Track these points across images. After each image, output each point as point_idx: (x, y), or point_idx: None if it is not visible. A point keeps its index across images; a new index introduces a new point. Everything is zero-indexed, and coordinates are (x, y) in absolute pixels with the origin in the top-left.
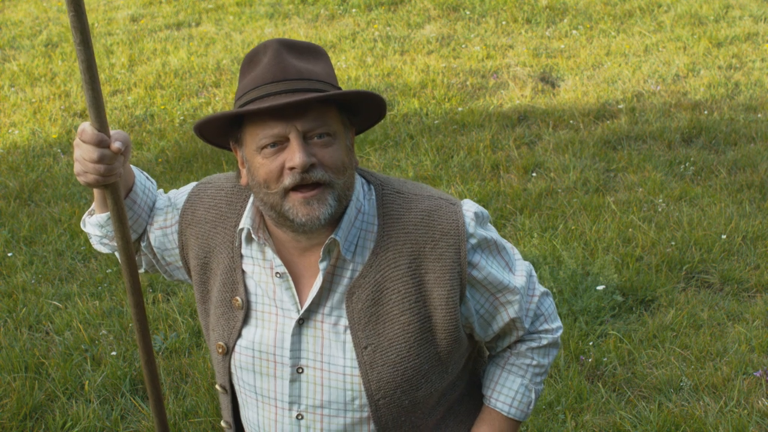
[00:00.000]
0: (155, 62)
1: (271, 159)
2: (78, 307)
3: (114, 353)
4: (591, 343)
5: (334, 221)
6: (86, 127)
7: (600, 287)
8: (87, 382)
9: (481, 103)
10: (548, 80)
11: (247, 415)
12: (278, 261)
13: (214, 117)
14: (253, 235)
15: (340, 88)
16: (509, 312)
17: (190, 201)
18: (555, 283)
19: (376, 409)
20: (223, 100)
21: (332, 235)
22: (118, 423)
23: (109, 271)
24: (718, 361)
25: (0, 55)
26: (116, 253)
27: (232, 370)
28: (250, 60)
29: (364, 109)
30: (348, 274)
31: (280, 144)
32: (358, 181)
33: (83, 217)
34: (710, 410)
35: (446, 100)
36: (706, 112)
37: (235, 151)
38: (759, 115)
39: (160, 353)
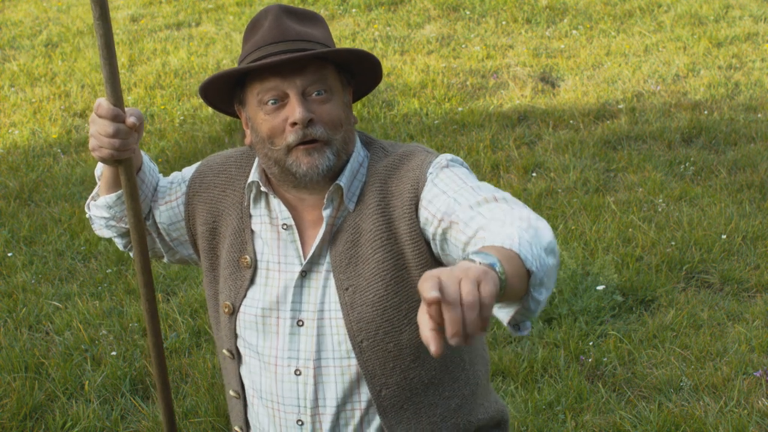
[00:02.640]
0: (155, 62)
1: (273, 115)
2: (78, 307)
3: (114, 353)
4: (591, 343)
5: (334, 175)
6: (102, 101)
7: (600, 287)
8: (87, 382)
9: (481, 103)
10: (548, 80)
11: (250, 379)
12: (285, 213)
13: (218, 75)
14: (262, 187)
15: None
16: (460, 204)
17: (199, 170)
18: (555, 283)
19: (361, 352)
20: None
21: (336, 181)
22: (118, 423)
23: (109, 271)
24: (718, 361)
25: (0, 55)
26: (117, 239)
27: (238, 331)
28: (253, 26)
29: (360, 70)
30: None
31: (280, 101)
32: (358, 143)
33: (87, 202)
34: (710, 410)
35: (446, 100)
36: (706, 112)
37: (239, 113)
38: (759, 115)
39: None
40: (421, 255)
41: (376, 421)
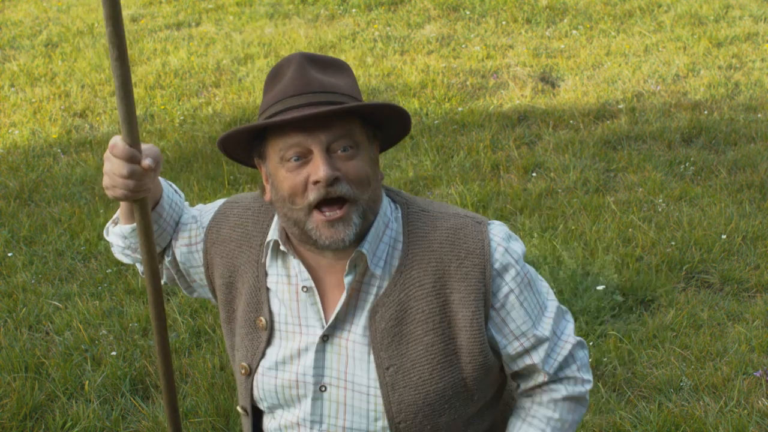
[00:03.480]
0: (155, 62)
1: (295, 173)
2: (78, 307)
3: (114, 353)
4: (591, 343)
5: (360, 237)
6: (117, 141)
7: (600, 287)
8: (87, 382)
9: (481, 103)
10: (548, 80)
11: None
12: (305, 275)
13: (238, 130)
14: (281, 246)
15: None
16: (532, 357)
17: (216, 219)
18: (555, 283)
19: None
20: (223, 100)
21: (358, 248)
22: (118, 423)
23: (109, 271)
24: (718, 361)
25: (0, 55)
26: (138, 265)
27: (255, 391)
28: (275, 75)
29: (387, 123)
30: (374, 290)
31: (303, 158)
32: (385, 199)
33: (107, 225)
34: (710, 410)
35: (446, 100)
36: (706, 112)
37: (260, 167)
38: (759, 115)
39: None
40: (476, 343)
41: None
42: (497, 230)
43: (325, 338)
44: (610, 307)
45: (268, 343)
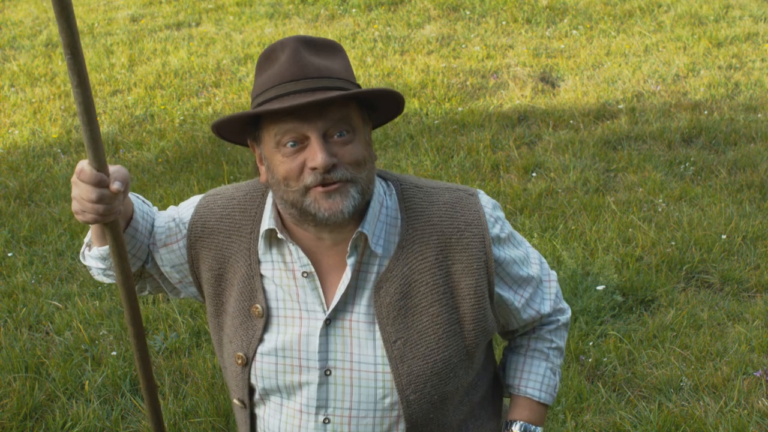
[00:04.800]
0: (155, 62)
1: (292, 158)
2: (78, 307)
3: (114, 353)
4: (591, 343)
5: (358, 217)
6: (84, 166)
7: (600, 287)
8: (87, 382)
9: (481, 103)
10: (548, 80)
11: (266, 425)
12: (305, 260)
13: (233, 117)
14: (279, 235)
15: (358, 85)
16: (533, 305)
17: (199, 213)
18: None
19: (407, 405)
20: (223, 100)
21: (359, 229)
22: (118, 423)
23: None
24: (718, 361)
25: (0, 55)
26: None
27: (252, 380)
28: (267, 57)
29: (382, 105)
30: (375, 269)
31: (300, 143)
32: (376, 179)
33: (82, 251)
34: (710, 410)
35: (446, 100)
36: (706, 112)
37: (253, 149)
38: (759, 115)
39: (160, 353)
40: (479, 309)
41: None
42: (485, 201)
43: (328, 322)
44: (610, 307)
45: (265, 329)
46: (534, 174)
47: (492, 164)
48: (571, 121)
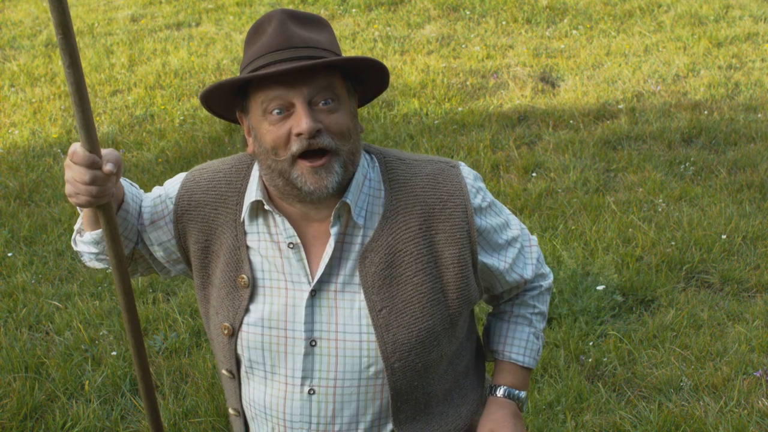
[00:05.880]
0: (155, 62)
1: (278, 126)
2: (78, 307)
3: (114, 353)
4: (591, 343)
5: (341, 189)
6: (77, 148)
7: (600, 287)
8: (87, 382)
9: (481, 103)
10: (548, 80)
11: (252, 397)
12: (291, 231)
13: (221, 84)
14: (266, 206)
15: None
16: (516, 269)
17: (185, 187)
18: (555, 283)
19: (392, 373)
20: None
21: (342, 198)
22: (118, 423)
23: (109, 271)
24: (718, 361)
25: (0, 55)
26: (109, 269)
27: (239, 351)
28: (255, 30)
29: (367, 78)
30: (359, 240)
31: (286, 110)
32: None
33: (73, 237)
34: (710, 410)
35: (446, 100)
36: (706, 112)
37: (242, 121)
38: (759, 115)
39: (160, 353)
40: (462, 278)
41: (388, 430)
42: (466, 172)
43: (314, 293)
44: (610, 307)
45: (251, 300)
46: (534, 174)
47: (492, 164)
48: (571, 121)
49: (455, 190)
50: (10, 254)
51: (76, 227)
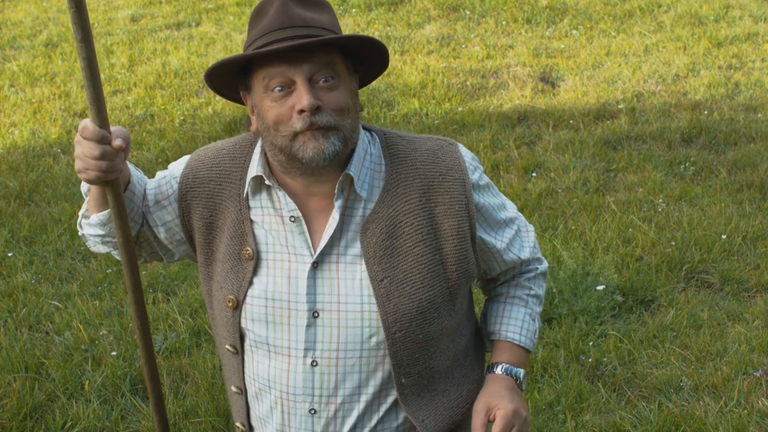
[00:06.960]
0: (155, 62)
1: (280, 102)
2: (78, 307)
3: (114, 353)
4: (591, 343)
5: (342, 163)
6: (87, 123)
7: (600, 287)
8: (87, 382)
9: (481, 103)
10: (548, 80)
11: (256, 371)
12: (292, 205)
13: (224, 62)
14: (267, 181)
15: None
16: (513, 249)
17: (190, 166)
18: (555, 283)
19: (393, 343)
20: (223, 100)
21: (346, 171)
22: (118, 423)
23: (109, 271)
24: (718, 361)
25: (0, 55)
26: (113, 252)
27: (243, 324)
28: (258, 12)
29: (367, 57)
30: (360, 212)
31: (287, 88)
32: (360, 130)
33: (79, 221)
34: (710, 410)
35: (446, 100)
36: (706, 112)
37: (245, 100)
38: (759, 115)
39: (160, 353)
40: (461, 250)
41: (391, 406)
42: (465, 151)
43: (316, 265)
44: (610, 307)
45: (255, 273)
46: (534, 174)
47: (492, 164)
48: (571, 121)
49: (454, 164)
50: (10, 254)
51: (81, 212)
